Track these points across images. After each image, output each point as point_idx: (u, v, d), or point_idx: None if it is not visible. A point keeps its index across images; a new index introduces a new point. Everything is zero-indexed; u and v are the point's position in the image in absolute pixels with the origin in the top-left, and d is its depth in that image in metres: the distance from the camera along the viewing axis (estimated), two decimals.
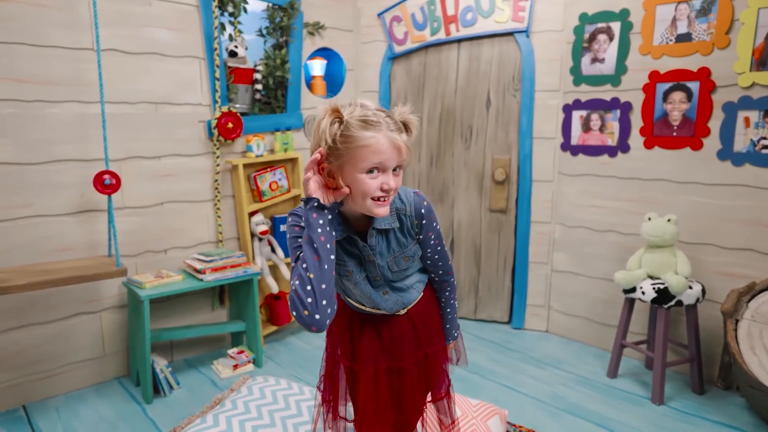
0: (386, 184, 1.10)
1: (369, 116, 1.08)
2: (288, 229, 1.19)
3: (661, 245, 2.59)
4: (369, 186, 1.10)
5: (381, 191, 1.11)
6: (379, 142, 1.08)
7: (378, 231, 1.23)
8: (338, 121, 1.08)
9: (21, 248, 2.40)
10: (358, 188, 1.11)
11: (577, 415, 2.44)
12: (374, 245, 1.23)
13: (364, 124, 1.08)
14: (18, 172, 2.36)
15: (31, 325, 2.47)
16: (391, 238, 1.25)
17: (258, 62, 3.12)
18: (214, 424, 1.91)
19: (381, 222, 1.22)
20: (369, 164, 1.08)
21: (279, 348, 3.18)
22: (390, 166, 1.11)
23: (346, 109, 1.10)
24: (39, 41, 2.34)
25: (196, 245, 2.98)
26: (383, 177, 1.11)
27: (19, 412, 2.44)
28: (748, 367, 2.14)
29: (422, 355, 1.37)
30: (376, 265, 1.26)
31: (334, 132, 1.07)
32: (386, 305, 1.33)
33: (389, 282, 1.30)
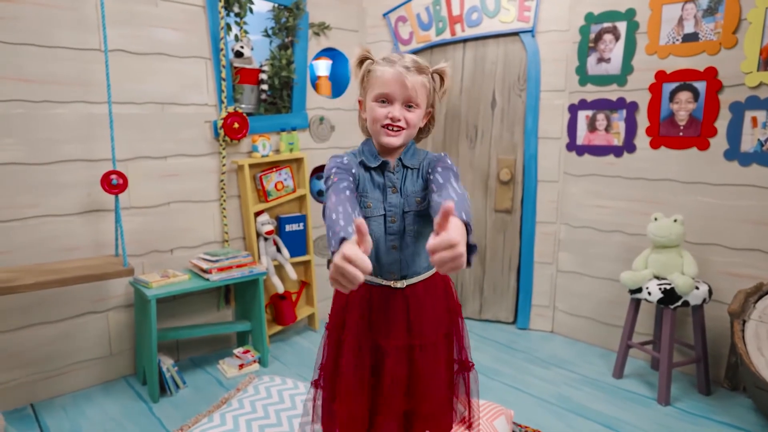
0: (391, 113, 1.25)
1: (390, 56, 1.29)
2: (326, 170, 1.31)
3: (668, 245, 2.58)
4: (377, 113, 1.26)
5: (388, 119, 1.25)
6: (386, 73, 1.25)
7: (404, 165, 1.34)
8: (366, 58, 1.30)
9: (28, 248, 2.41)
10: (370, 115, 1.29)
11: (583, 416, 2.44)
12: (399, 176, 1.33)
13: (383, 60, 1.28)
14: (25, 172, 2.37)
15: (39, 324, 2.49)
16: (412, 176, 1.33)
17: (264, 62, 3.12)
18: (221, 423, 1.91)
19: (406, 156, 1.34)
20: (376, 93, 1.26)
21: (284, 348, 3.18)
22: (396, 97, 1.25)
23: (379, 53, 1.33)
24: (45, 42, 2.35)
25: (202, 245, 2.99)
26: (390, 107, 1.26)
27: (27, 410, 2.45)
28: (756, 368, 2.13)
29: (407, 345, 1.31)
30: (397, 199, 1.32)
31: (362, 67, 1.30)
32: (390, 260, 1.32)
33: (401, 233, 1.32)
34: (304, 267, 3.41)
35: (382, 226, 1.32)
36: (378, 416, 1.35)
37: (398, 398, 1.34)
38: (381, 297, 1.34)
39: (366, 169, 1.33)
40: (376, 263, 1.32)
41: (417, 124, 1.30)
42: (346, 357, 1.34)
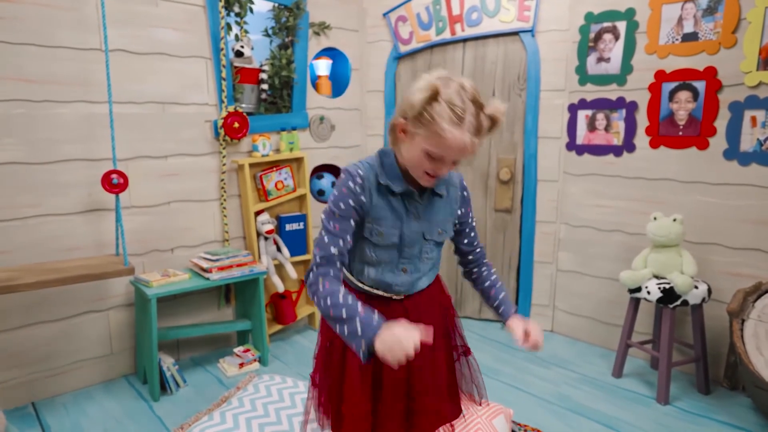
0: (439, 171, 1.19)
1: (459, 107, 1.11)
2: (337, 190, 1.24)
3: (667, 245, 2.58)
4: (424, 164, 1.19)
5: (433, 172, 1.20)
6: (452, 139, 1.12)
7: (431, 192, 1.30)
8: (434, 99, 1.11)
9: (29, 247, 2.42)
10: (415, 159, 1.19)
11: (583, 415, 2.44)
12: (423, 204, 1.29)
13: (451, 114, 1.11)
14: (26, 171, 2.38)
15: (40, 323, 2.50)
16: (438, 204, 1.32)
17: (264, 62, 3.13)
18: (221, 422, 1.92)
19: (440, 184, 1.30)
20: (433, 150, 1.15)
21: (284, 347, 3.19)
22: (449, 160, 1.17)
23: (447, 86, 1.13)
24: (46, 42, 2.36)
25: (203, 244, 3.00)
26: (439, 164, 1.18)
27: (28, 409, 2.46)
28: (755, 367, 2.14)
29: None
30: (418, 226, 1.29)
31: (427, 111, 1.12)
32: (398, 282, 1.32)
33: (415, 257, 1.31)
34: (305, 266, 3.41)
35: (395, 252, 1.30)
36: (380, 416, 1.35)
37: (400, 399, 1.35)
38: (380, 306, 1.34)
39: (390, 194, 1.27)
40: (381, 280, 1.32)
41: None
42: (351, 362, 1.34)
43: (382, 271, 1.30)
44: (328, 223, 1.24)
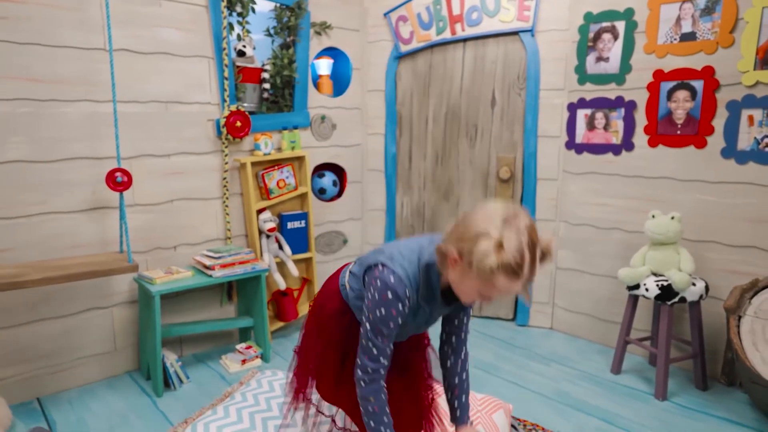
0: (486, 300, 1.20)
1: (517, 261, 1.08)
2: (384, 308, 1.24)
3: (665, 242, 2.61)
4: (474, 295, 1.20)
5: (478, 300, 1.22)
6: (503, 289, 1.13)
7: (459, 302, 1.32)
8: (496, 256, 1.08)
9: (34, 245, 2.45)
10: (463, 289, 1.20)
11: (581, 411, 2.47)
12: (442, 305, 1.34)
13: (510, 272, 1.09)
14: (31, 169, 2.41)
15: (45, 319, 2.53)
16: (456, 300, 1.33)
17: (266, 61, 3.16)
18: (224, 416, 1.95)
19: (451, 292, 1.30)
20: (485, 289, 1.15)
21: (286, 344, 3.22)
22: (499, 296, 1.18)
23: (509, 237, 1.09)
24: (52, 42, 2.38)
25: (205, 242, 3.03)
26: (487, 298, 1.19)
27: (34, 404, 2.49)
28: (751, 362, 2.17)
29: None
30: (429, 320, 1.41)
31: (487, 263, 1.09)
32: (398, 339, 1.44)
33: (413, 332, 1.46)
34: (306, 264, 3.44)
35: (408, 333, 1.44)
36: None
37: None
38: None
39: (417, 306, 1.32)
40: None
41: None
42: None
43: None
44: (376, 337, 1.27)
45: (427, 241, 1.31)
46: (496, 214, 1.12)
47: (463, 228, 1.15)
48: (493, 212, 1.13)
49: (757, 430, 2.30)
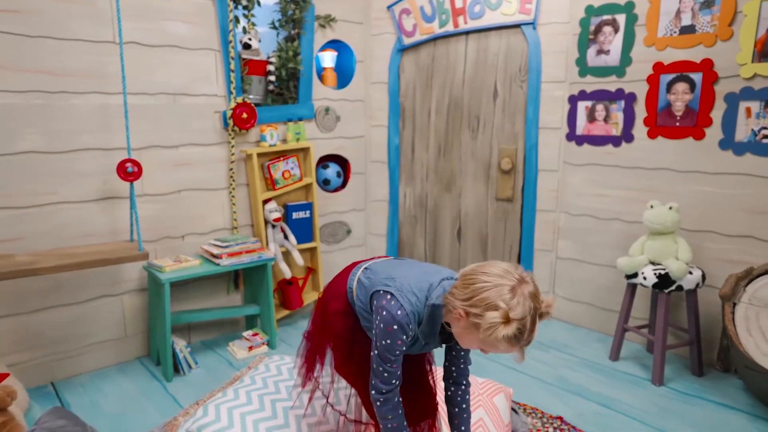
0: (486, 352, 1.30)
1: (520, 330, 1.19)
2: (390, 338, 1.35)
3: (663, 232, 2.66)
4: (474, 347, 1.32)
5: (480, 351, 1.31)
6: (503, 351, 1.26)
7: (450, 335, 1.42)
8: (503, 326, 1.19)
9: (46, 234, 2.51)
10: (465, 341, 1.33)
11: (580, 395, 2.54)
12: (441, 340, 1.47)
13: (511, 340, 1.20)
14: (44, 160, 2.47)
15: (57, 306, 2.60)
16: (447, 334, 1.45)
17: (271, 54, 3.20)
18: (234, 398, 2.02)
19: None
20: (488, 347, 1.27)
21: (291, 331, 3.29)
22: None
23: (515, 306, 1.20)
24: (63, 35, 2.44)
25: (212, 232, 3.09)
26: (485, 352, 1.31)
27: (48, 388, 2.57)
28: (744, 348, 2.23)
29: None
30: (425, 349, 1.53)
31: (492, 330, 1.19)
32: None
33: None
34: (311, 253, 3.51)
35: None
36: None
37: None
38: None
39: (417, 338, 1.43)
40: None
41: None
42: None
43: None
44: (385, 363, 1.38)
45: (437, 278, 1.39)
46: (505, 284, 1.22)
47: (472, 292, 1.24)
48: (501, 281, 1.23)
49: (750, 414, 2.37)
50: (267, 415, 1.96)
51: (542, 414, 2.36)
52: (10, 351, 2.47)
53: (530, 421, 2.29)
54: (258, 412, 1.96)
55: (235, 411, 1.96)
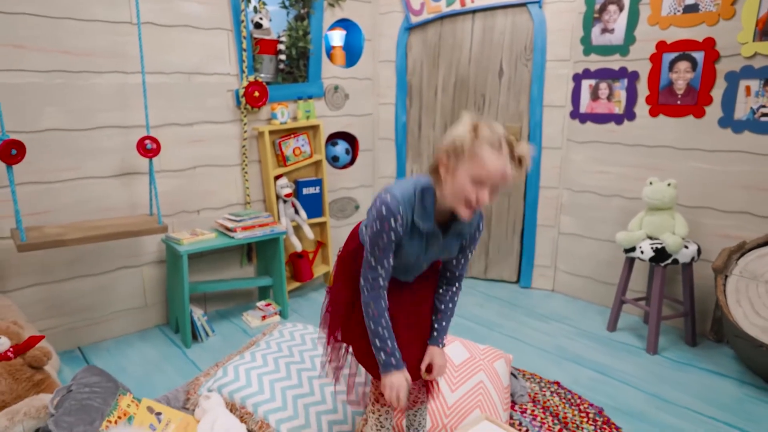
0: (482, 197, 1.30)
1: (495, 139, 1.28)
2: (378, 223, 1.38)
3: (661, 208, 2.75)
4: (468, 192, 1.30)
5: (476, 200, 1.31)
6: (495, 164, 1.28)
7: (456, 231, 1.47)
8: (474, 134, 1.28)
9: (70, 207, 2.64)
10: (459, 189, 1.31)
11: (577, 363, 2.67)
12: (448, 239, 1.48)
13: (492, 145, 1.28)
14: (67, 137, 2.58)
15: (82, 276, 2.75)
16: (453, 239, 1.49)
17: (281, 33, 3.28)
18: (251, 360, 2.17)
19: (463, 225, 1.46)
20: (476, 174, 1.29)
21: (302, 302, 3.44)
22: (492, 185, 1.30)
23: (482, 126, 1.29)
24: (83, 16, 2.52)
25: (226, 206, 3.22)
26: (482, 191, 1.30)
27: (76, 352, 2.74)
28: (733, 317, 2.34)
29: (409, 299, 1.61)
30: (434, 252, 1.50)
31: (468, 140, 1.28)
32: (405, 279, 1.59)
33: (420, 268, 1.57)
34: (320, 228, 3.63)
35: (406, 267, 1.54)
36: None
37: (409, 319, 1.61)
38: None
39: (414, 229, 1.42)
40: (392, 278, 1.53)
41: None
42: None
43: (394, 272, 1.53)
44: (374, 250, 1.42)
45: (423, 176, 1.47)
46: (467, 118, 1.33)
47: (449, 137, 1.35)
48: (467, 118, 1.33)
49: (739, 380, 2.49)
50: (282, 375, 2.11)
51: (540, 379, 2.49)
52: (41, 317, 2.63)
53: (529, 386, 2.43)
54: (274, 373, 2.11)
55: (252, 372, 2.11)
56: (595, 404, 2.30)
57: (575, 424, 2.16)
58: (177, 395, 2.15)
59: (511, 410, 2.24)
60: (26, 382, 2.02)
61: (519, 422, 2.17)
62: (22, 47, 2.38)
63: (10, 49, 2.35)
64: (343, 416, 2.02)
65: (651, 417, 2.22)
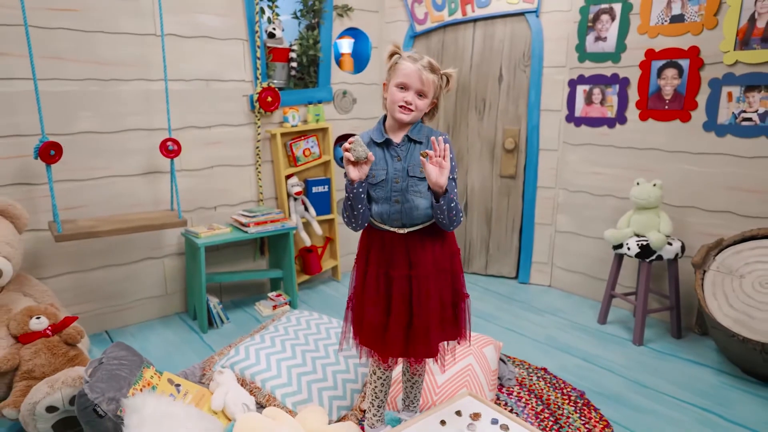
0: (406, 98, 1.63)
1: (413, 54, 1.66)
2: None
3: (647, 207, 2.91)
4: (396, 96, 1.64)
5: (404, 102, 1.63)
6: (409, 68, 1.63)
7: (409, 139, 1.70)
8: (397, 54, 1.67)
9: (101, 203, 2.91)
10: (391, 98, 1.66)
11: (566, 352, 2.85)
12: (403, 148, 1.70)
13: (408, 58, 1.65)
14: (98, 139, 2.85)
15: (110, 266, 3.01)
16: (417, 149, 1.69)
17: (293, 42, 3.51)
18: (261, 341, 2.40)
19: (412, 132, 1.70)
20: (398, 81, 1.64)
21: (311, 294, 3.66)
22: (413, 87, 1.63)
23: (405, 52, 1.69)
24: (113, 29, 2.78)
25: (240, 203, 3.46)
26: (407, 93, 1.64)
27: (103, 335, 3.00)
28: (709, 309, 2.50)
29: (407, 275, 1.72)
30: (401, 165, 1.68)
31: (394, 60, 1.67)
32: (393, 211, 1.69)
33: (403, 191, 1.68)
34: (329, 224, 3.86)
35: (387, 187, 1.69)
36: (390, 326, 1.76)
37: (403, 312, 1.75)
38: (390, 240, 1.74)
39: (376, 145, 1.70)
40: (382, 212, 1.71)
41: (423, 109, 1.69)
42: (369, 281, 1.77)
43: (381, 204, 1.70)
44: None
45: None
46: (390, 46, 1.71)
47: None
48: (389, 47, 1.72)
49: (716, 369, 2.65)
50: (288, 355, 2.34)
51: (529, 365, 2.68)
52: (73, 303, 2.89)
53: (517, 371, 2.62)
54: (281, 353, 2.34)
55: (261, 352, 2.34)
56: (577, 388, 2.47)
57: (557, 405, 2.34)
58: (194, 371, 2.39)
59: (498, 392, 2.43)
60: (62, 356, 2.28)
61: (505, 403, 2.36)
62: (60, 59, 2.65)
63: (51, 60, 2.61)
64: (342, 393, 2.24)
65: (629, 401, 2.39)
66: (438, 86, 1.70)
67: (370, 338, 1.76)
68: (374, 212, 1.72)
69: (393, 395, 2.21)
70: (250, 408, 2.07)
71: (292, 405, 2.13)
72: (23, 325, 2.26)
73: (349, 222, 1.72)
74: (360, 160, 1.58)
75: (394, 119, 1.69)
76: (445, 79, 1.71)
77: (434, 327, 1.77)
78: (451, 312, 1.81)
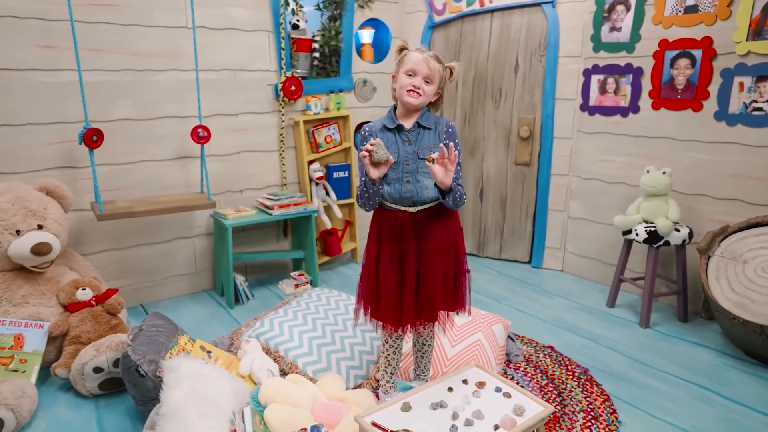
0: (414, 82, 1.79)
1: (420, 47, 1.85)
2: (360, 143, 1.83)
3: (656, 194, 3.00)
4: (404, 81, 1.80)
5: (412, 86, 1.78)
6: (417, 56, 1.79)
7: (419, 125, 1.85)
8: (405, 48, 1.85)
9: (137, 185, 3.12)
10: (401, 85, 1.81)
11: (572, 332, 2.97)
12: (413, 133, 1.86)
13: (416, 50, 1.83)
14: (134, 126, 3.05)
15: (146, 244, 3.23)
16: (426, 135, 1.86)
17: (316, 33, 3.65)
18: (284, 315, 2.59)
19: (421, 119, 1.85)
20: (407, 68, 1.80)
21: (331, 274, 3.85)
22: (420, 72, 1.78)
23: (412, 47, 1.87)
24: (147, 22, 2.97)
25: (265, 187, 3.65)
26: (415, 78, 1.79)
27: (139, 309, 3.24)
28: (712, 293, 2.59)
29: (416, 248, 1.88)
30: (411, 149, 1.84)
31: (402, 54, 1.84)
32: (404, 190, 1.83)
33: (414, 172, 1.84)
34: (348, 208, 4.03)
35: (399, 169, 1.85)
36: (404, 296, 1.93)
37: (413, 284, 1.92)
38: (402, 218, 1.90)
39: (388, 131, 1.86)
40: (393, 192, 1.87)
41: (430, 95, 1.83)
42: (383, 257, 1.93)
43: (393, 185, 1.85)
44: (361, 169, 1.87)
45: None
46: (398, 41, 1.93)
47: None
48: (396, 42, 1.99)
49: (719, 351, 2.75)
50: (309, 328, 2.52)
51: (536, 344, 2.81)
52: (112, 278, 3.13)
53: (524, 348, 2.76)
54: (302, 326, 2.53)
55: (285, 324, 2.53)
56: (581, 365, 2.61)
57: (561, 380, 2.48)
58: (223, 340, 2.60)
59: (506, 367, 2.58)
60: (105, 324, 2.51)
61: (511, 377, 2.51)
62: (100, 50, 2.85)
63: (92, 52, 2.81)
64: (359, 363, 2.42)
65: (630, 378, 2.51)
66: (442, 77, 1.86)
67: (387, 309, 1.93)
68: (386, 192, 1.87)
69: (405, 367, 2.38)
70: (274, 374, 2.26)
71: (312, 373, 2.31)
72: (71, 296, 2.49)
73: (365, 205, 1.90)
74: (381, 162, 1.74)
75: (403, 105, 1.85)
76: (448, 71, 1.86)
77: (438, 296, 1.94)
78: (453, 284, 1.98)
